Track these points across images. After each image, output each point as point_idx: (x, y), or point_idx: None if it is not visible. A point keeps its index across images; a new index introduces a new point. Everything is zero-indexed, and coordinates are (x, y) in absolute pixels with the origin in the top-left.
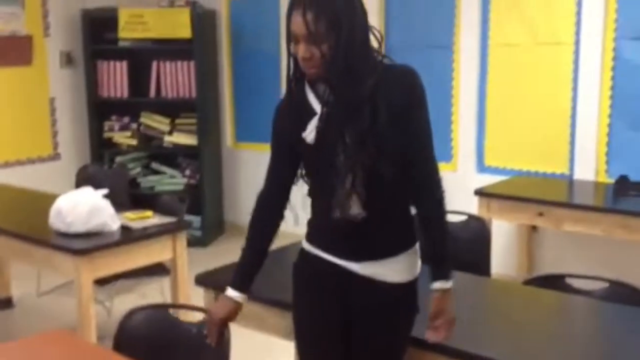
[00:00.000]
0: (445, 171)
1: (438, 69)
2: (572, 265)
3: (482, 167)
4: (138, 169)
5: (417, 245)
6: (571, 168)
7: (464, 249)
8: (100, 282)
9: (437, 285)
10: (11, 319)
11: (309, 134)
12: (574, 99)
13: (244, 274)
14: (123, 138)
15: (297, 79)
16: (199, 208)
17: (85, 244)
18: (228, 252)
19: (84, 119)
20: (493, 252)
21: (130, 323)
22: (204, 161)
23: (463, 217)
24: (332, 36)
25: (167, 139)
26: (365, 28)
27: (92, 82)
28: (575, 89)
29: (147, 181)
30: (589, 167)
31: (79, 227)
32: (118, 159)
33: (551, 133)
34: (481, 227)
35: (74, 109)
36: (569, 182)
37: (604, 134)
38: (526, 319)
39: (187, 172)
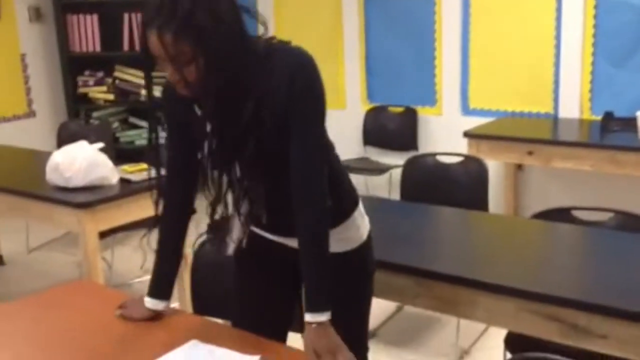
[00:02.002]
0: (430, 115)
1: (420, 14)
2: (560, 201)
3: (466, 110)
4: (116, 124)
5: (360, 208)
6: (555, 107)
7: (464, 189)
8: (99, 235)
9: (309, 317)
10: (4, 277)
11: (205, 157)
12: (557, 38)
13: (161, 281)
14: (99, 93)
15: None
16: None
17: (88, 197)
18: None
19: (57, 75)
20: None
21: (204, 251)
22: None
23: (459, 159)
24: (199, 52)
25: (145, 92)
26: (238, 24)
27: (63, 36)
28: (558, 28)
29: (126, 136)
30: (574, 105)
31: (79, 182)
32: (95, 114)
33: (535, 73)
34: (479, 167)
35: (47, 64)
36: (554, 120)
37: (587, 72)
38: (544, 251)
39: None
